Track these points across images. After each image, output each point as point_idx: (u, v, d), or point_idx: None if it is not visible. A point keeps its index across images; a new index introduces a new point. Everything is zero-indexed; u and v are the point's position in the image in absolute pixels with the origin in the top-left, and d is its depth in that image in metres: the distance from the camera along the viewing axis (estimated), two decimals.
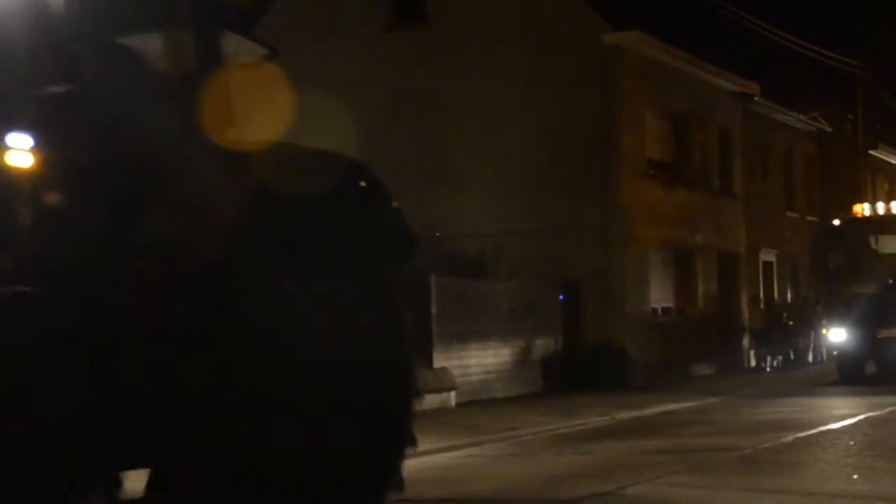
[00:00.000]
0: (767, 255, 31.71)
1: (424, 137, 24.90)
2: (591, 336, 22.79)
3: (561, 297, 22.16)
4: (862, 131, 33.72)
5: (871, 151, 36.72)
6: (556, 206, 23.43)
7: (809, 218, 35.20)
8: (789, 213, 33.60)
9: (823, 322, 24.89)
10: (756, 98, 29.88)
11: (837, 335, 23.26)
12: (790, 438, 12.74)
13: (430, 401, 17.83)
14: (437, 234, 24.00)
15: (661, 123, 25.88)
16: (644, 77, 24.58)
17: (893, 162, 41.24)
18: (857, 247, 23.83)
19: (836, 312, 23.48)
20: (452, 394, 18.34)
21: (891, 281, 22.91)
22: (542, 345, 21.41)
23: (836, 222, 24.75)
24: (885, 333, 22.44)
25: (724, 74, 27.79)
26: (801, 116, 34.07)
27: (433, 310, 18.39)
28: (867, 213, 24.05)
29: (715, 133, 28.07)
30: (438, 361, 18.41)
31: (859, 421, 14.85)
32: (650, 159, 25.09)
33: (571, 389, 20.96)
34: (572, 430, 15.36)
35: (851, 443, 12.50)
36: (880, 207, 24.11)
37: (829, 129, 35.73)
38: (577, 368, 21.98)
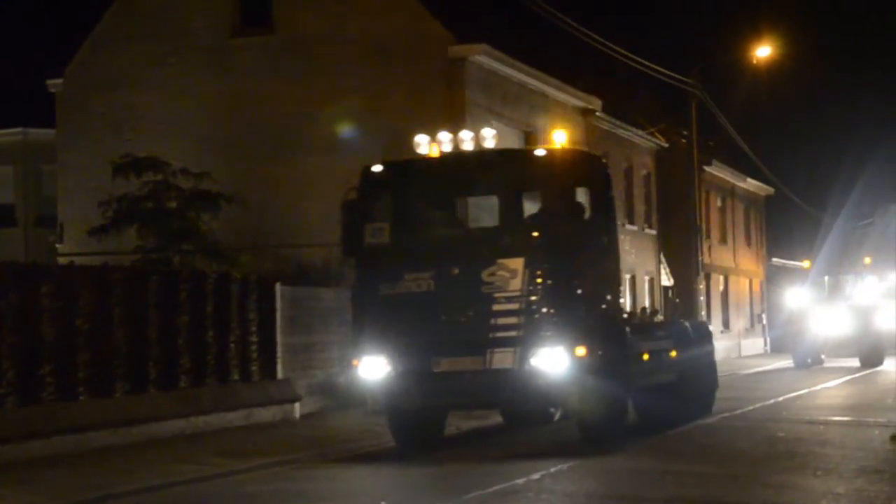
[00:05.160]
0: None
1: (270, 145, 24.57)
2: None
3: None
4: (696, 148, 34.96)
5: (705, 167, 38.14)
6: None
7: (648, 231, 36.32)
8: (628, 226, 34.55)
9: (353, 347, 14.48)
10: (597, 113, 30.65)
11: (372, 368, 13.36)
12: None
13: (273, 412, 17.55)
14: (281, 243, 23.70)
15: (508, 136, 26.22)
16: (490, 90, 24.88)
17: (726, 178, 43.00)
18: (408, 211, 14.12)
19: (370, 327, 13.58)
20: (297, 405, 18.09)
21: (456, 270, 13.11)
22: None
23: (378, 168, 14.20)
24: (445, 366, 12.98)
25: (567, 89, 28.40)
26: (640, 132, 35.14)
27: (278, 319, 18.11)
28: (423, 151, 14.00)
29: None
30: (283, 372, 18.14)
31: None
32: None
33: None
34: None
35: None
36: (446, 140, 13.89)
37: (666, 145, 36.96)
38: None
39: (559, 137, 13.97)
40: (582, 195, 13.59)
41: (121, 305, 15.22)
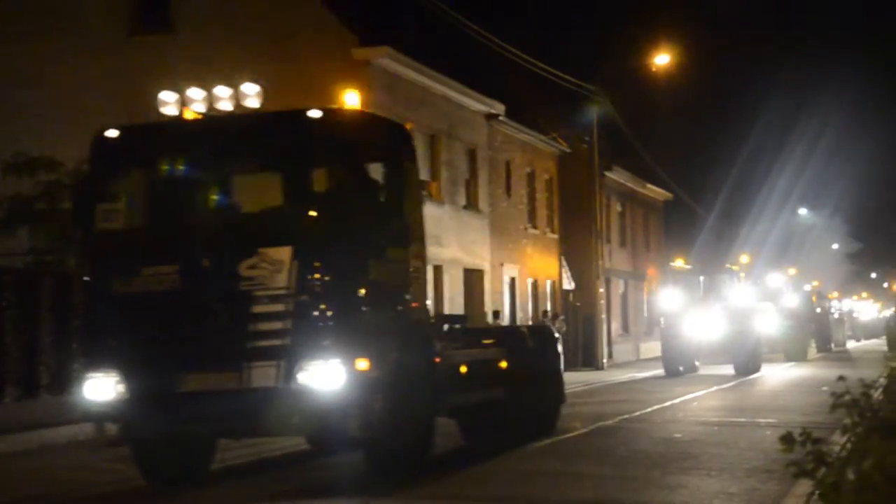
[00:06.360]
0: (510, 271, 32.76)
1: None
2: None
3: None
4: (597, 153, 35.48)
5: (606, 172, 38.73)
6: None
7: (550, 235, 36.71)
8: (531, 230, 34.89)
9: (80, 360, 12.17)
10: (501, 117, 30.87)
11: (101, 387, 10.35)
12: None
13: None
14: None
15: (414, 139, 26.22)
16: (394, 93, 24.85)
17: (626, 183, 43.72)
18: (150, 189, 11.32)
19: (99, 336, 10.73)
20: None
21: (207, 262, 10.47)
22: None
23: (113, 134, 11.85)
24: (192, 384, 10.19)
25: (471, 94, 28.54)
26: (543, 137, 35.50)
27: None
28: (171, 112, 11.24)
29: (462, 150, 28.76)
30: None
31: None
32: None
33: None
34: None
35: None
36: (198, 98, 11.42)
37: (569, 150, 37.42)
38: None
39: (351, 99, 11.23)
40: (375, 169, 10.86)
41: (12, 309, 14.81)
